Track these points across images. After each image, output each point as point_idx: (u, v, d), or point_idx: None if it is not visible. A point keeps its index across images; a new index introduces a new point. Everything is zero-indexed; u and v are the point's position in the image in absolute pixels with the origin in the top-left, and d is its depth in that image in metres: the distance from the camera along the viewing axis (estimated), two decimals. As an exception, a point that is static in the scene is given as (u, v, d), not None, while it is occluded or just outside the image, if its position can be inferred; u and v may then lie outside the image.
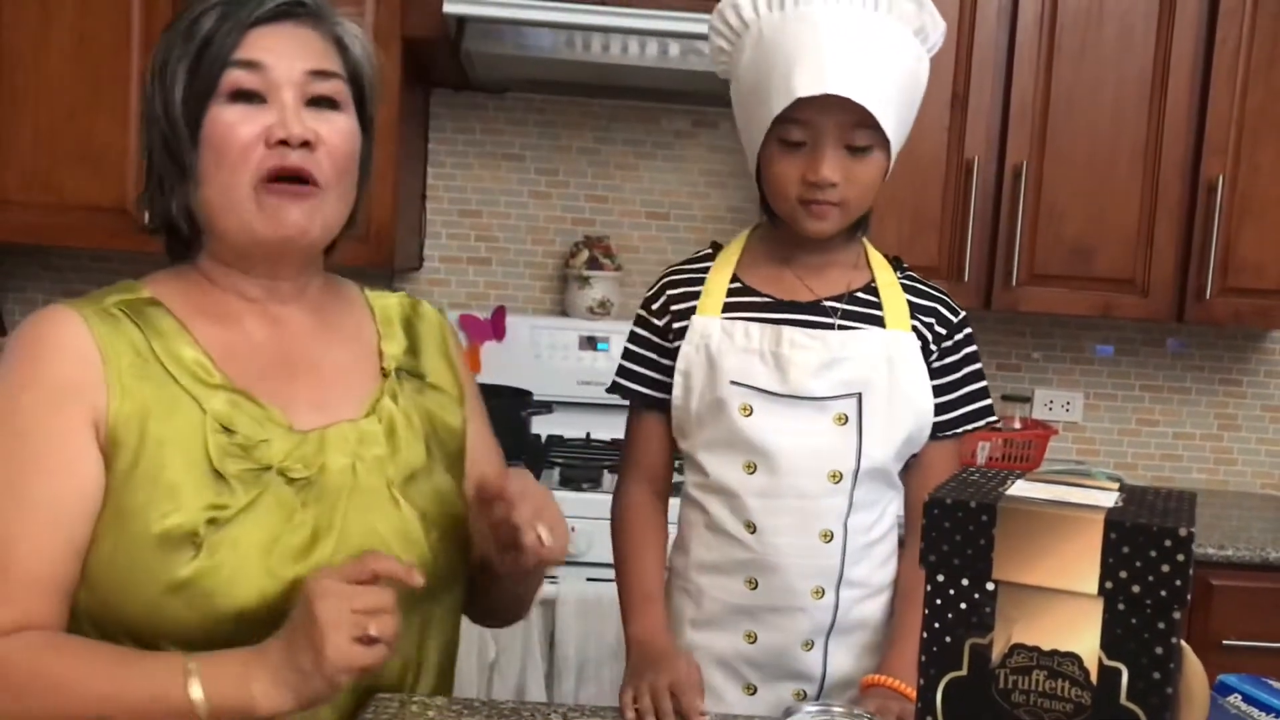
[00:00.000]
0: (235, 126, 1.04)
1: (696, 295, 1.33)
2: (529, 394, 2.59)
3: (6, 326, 2.70)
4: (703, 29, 2.31)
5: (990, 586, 0.64)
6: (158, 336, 1.06)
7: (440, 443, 1.21)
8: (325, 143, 1.07)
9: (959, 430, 1.36)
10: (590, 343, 2.73)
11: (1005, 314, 2.71)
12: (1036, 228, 2.51)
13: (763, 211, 1.36)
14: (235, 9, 1.05)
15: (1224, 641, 2.27)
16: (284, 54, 1.06)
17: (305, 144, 1.05)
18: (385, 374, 1.18)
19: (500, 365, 2.67)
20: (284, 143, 1.04)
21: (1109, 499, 0.68)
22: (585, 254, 2.74)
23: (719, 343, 1.29)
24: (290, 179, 1.06)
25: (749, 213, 2.84)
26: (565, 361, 2.72)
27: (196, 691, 0.94)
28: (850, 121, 1.21)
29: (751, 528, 1.27)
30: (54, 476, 1.01)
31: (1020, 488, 0.70)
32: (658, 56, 2.41)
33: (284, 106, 1.05)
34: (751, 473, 1.27)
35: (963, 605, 0.64)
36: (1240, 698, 1.02)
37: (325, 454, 1.09)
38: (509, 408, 2.46)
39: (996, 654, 0.64)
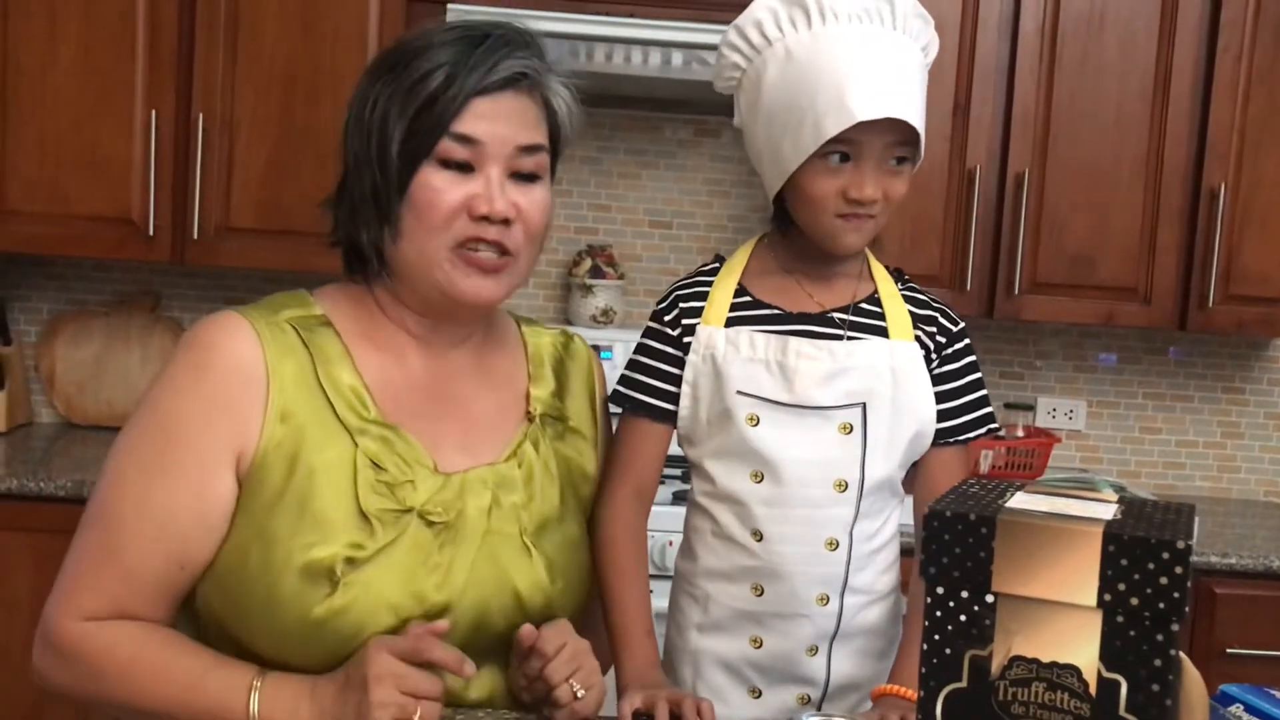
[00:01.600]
0: (442, 193, 1.07)
1: (702, 310, 1.34)
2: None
3: (11, 336, 2.70)
4: (705, 39, 2.35)
5: (990, 599, 0.64)
6: (323, 361, 1.09)
7: (574, 489, 1.24)
8: (523, 216, 1.10)
9: (962, 438, 1.37)
10: (594, 351, 2.72)
11: (1008, 322, 2.71)
12: (1038, 236, 2.52)
13: (774, 223, 1.37)
14: (462, 73, 1.06)
15: (1227, 650, 2.27)
16: (498, 129, 1.08)
17: (505, 220, 1.09)
18: (530, 418, 1.20)
19: (504, 374, 2.68)
20: (485, 217, 1.08)
21: (1108, 511, 0.69)
22: (588, 263, 2.75)
23: (724, 352, 1.30)
24: (484, 248, 1.09)
25: (751, 221, 2.84)
26: (568, 370, 2.72)
27: (254, 705, 1.00)
28: (895, 139, 1.24)
29: (759, 536, 1.28)
30: (182, 486, 1.05)
31: (1020, 500, 0.70)
32: (660, 66, 2.42)
33: (490, 181, 1.08)
34: (758, 482, 1.28)
35: (962, 617, 0.65)
36: (1243, 708, 1.02)
37: (465, 498, 1.11)
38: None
39: (996, 666, 0.65)
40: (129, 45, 2.41)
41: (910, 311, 1.35)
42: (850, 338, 1.31)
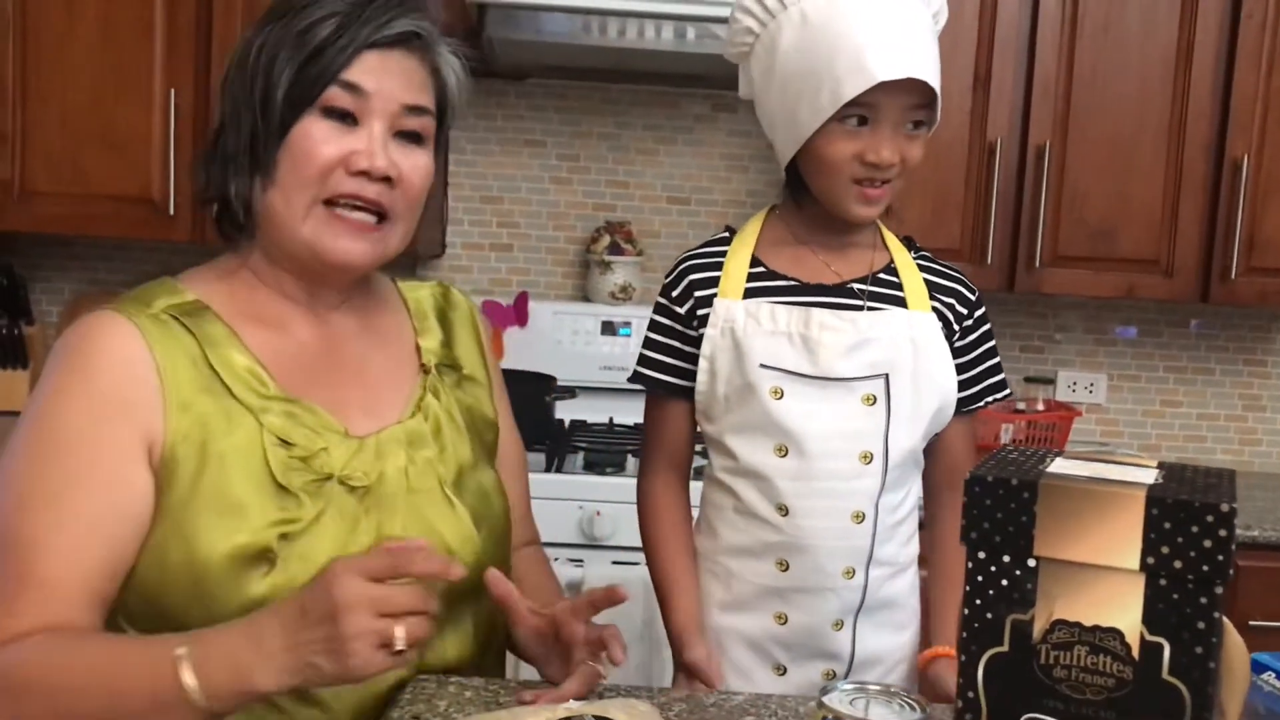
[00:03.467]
0: (322, 144, 1.04)
1: (717, 281, 1.34)
2: (552, 379, 2.60)
3: (34, 316, 2.72)
4: (719, 12, 2.33)
5: (1032, 563, 0.65)
6: (211, 345, 1.05)
7: (479, 435, 1.22)
8: (404, 179, 1.07)
9: (978, 405, 1.38)
10: (612, 328, 2.73)
11: (1028, 296, 2.70)
12: (1059, 209, 2.50)
13: (786, 192, 1.36)
14: (355, 26, 1.04)
15: (1251, 622, 2.26)
16: (386, 84, 1.05)
17: (385, 178, 1.05)
18: (425, 370, 1.19)
19: (523, 351, 2.68)
20: (364, 173, 1.04)
21: (1149, 476, 0.69)
22: (606, 239, 2.74)
23: (744, 325, 1.29)
24: (359, 206, 1.06)
25: (769, 196, 2.83)
26: (588, 347, 2.73)
27: (187, 679, 0.89)
28: (912, 102, 1.23)
29: (784, 510, 1.28)
30: (96, 490, 0.98)
31: (1060, 465, 0.70)
32: (676, 41, 2.41)
33: (373, 136, 1.05)
34: (783, 456, 1.27)
35: (1004, 582, 0.65)
36: (1275, 675, 1.02)
37: (383, 460, 1.09)
38: (532, 393, 2.47)
39: (1038, 630, 0.65)
40: (147, 23, 2.41)
41: (927, 280, 1.35)
42: (870, 308, 1.30)
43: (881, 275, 1.33)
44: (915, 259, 1.37)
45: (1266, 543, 2.27)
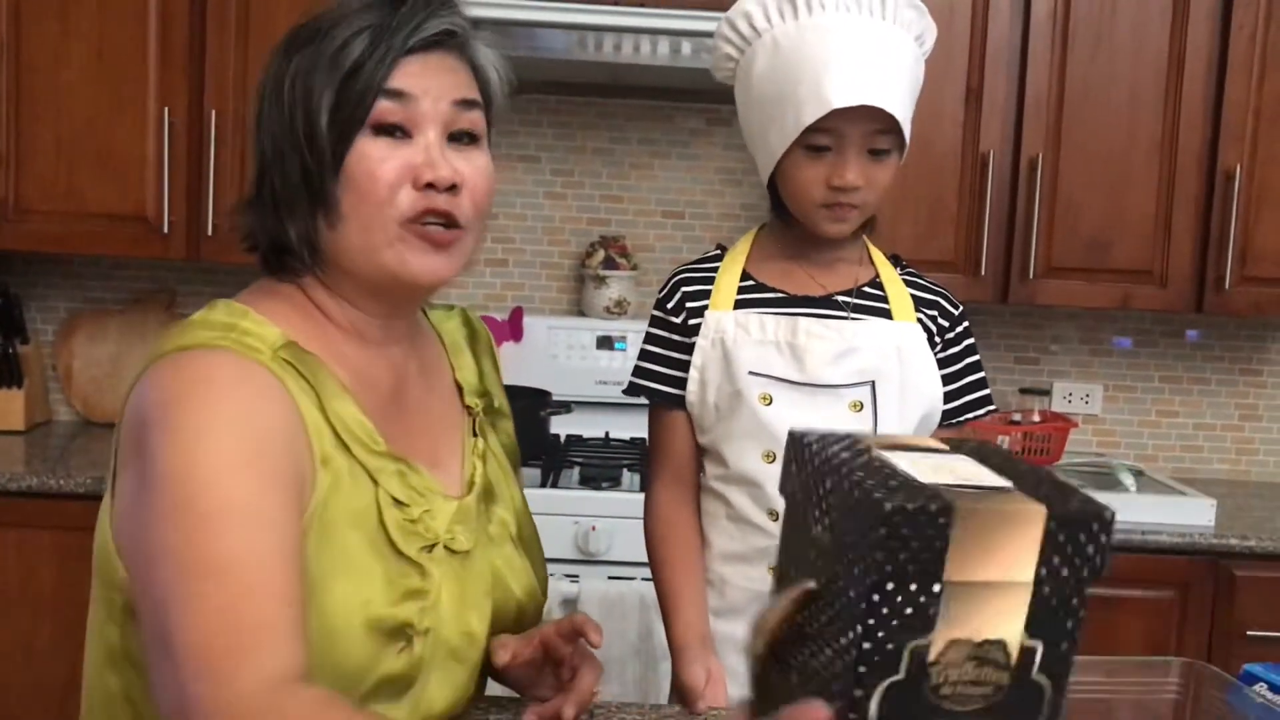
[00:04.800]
0: (382, 162, 0.97)
1: (709, 294, 1.37)
2: (548, 394, 2.60)
3: (29, 335, 2.72)
4: (713, 28, 2.33)
5: (937, 588, 0.64)
6: (327, 395, 0.97)
7: (517, 470, 1.22)
8: (469, 183, 1.00)
9: (961, 419, 1.41)
10: (607, 342, 2.73)
11: (1022, 307, 2.70)
12: (1053, 220, 2.51)
13: (772, 211, 1.40)
14: (386, 35, 0.98)
15: (1248, 633, 2.27)
16: (432, 84, 0.99)
17: (452, 186, 0.99)
18: (470, 412, 1.14)
19: (518, 366, 2.68)
20: (430, 185, 0.98)
21: (992, 477, 0.67)
22: (601, 254, 2.75)
23: (734, 336, 1.33)
24: (434, 221, 0.99)
25: (763, 210, 2.82)
26: (583, 361, 2.73)
27: None
28: (874, 128, 1.26)
29: (774, 515, 1.30)
30: (289, 539, 0.87)
31: (912, 466, 0.67)
32: (670, 56, 2.42)
33: (429, 145, 0.98)
34: (771, 461, 1.29)
35: (909, 610, 0.63)
36: (1266, 686, 1.02)
37: (468, 522, 1.05)
38: (528, 408, 2.46)
39: (934, 653, 0.64)
40: (141, 43, 2.41)
41: (911, 295, 1.38)
42: (854, 318, 1.34)
43: (866, 289, 1.37)
44: (901, 274, 1.40)
45: (1264, 553, 2.27)
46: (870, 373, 1.31)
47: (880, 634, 0.63)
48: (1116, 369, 2.89)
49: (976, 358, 1.41)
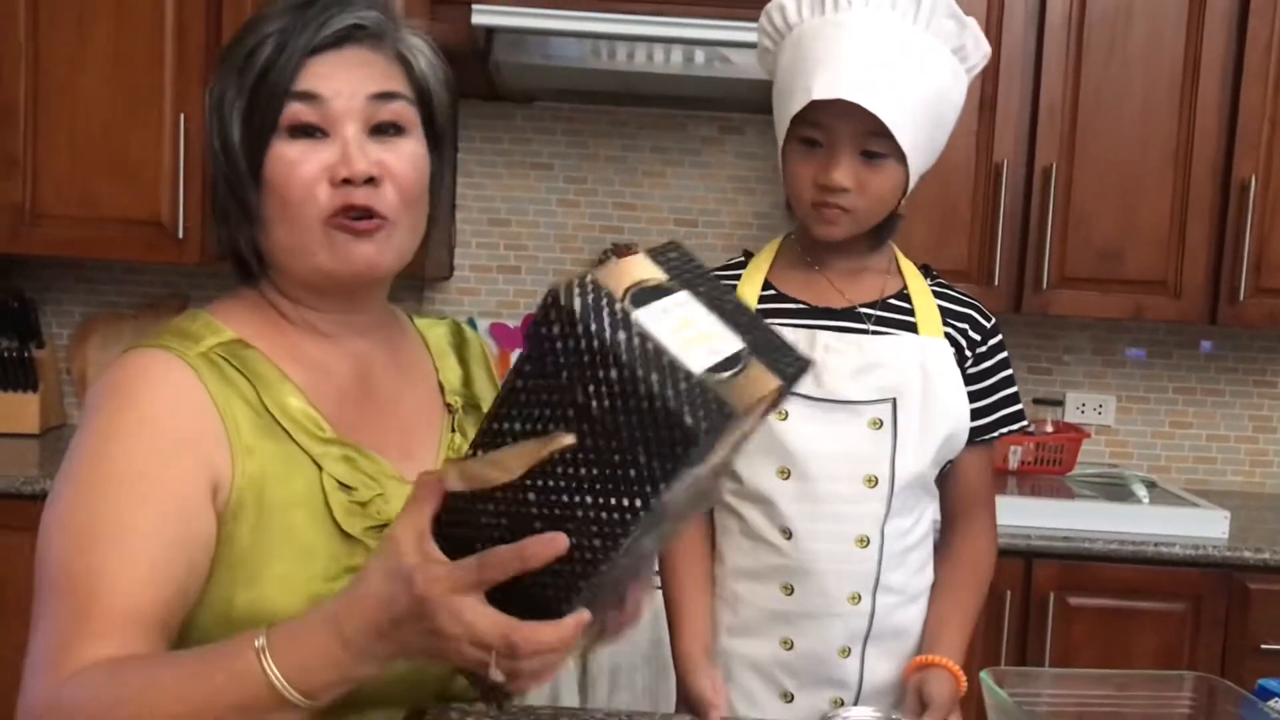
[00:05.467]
0: (297, 165, 0.98)
1: None
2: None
3: (44, 339, 2.73)
4: (728, 36, 2.34)
5: (702, 470, 0.79)
6: (264, 387, 1.00)
7: None
8: (392, 173, 1.01)
9: (993, 435, 1.37)
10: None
11: (1035, 317, 2.69)
12: (1066, 230, 2.50)
13: (788, 214, 1.38)
14: (292, 37, 0.98)
15: (1262, 646, 2.25)
16: (344, 82, 1.00)
17: (370, 179, 0.99)
18: (450, 409, 1.15)
19: (530, 373, 2.68)
20: (348, 180, 0.98)
21: (727, 336, 0.79)
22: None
23: None
24: (356, 214, 1.00)
25: (776, 219, 2.84)
26: (594, 369, 2.72)
27: (273, 674, 0.83)
28: (866, 129, 1.22)
29: (787, 533, 1.28)
30: (162, 522, 0.93)
31: (676, 338, 0.75)
32: (683, 64, 2.42)
33: (346, 141, 0.99)
34: (786, 478, 1.27)
35: (681, 484, 0.77)
36: (1280, 702, 1.01)
37: None
38: (539, 415, 2.46)
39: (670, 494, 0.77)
40: (157, 50, 2.43)
41: (940, 307, 1.34)
42: (876, 332, 1.30)
43: (892, 300, 1.33)
44: (931, 285, 1.37)
45: (1278, 565, 2.26)
46: (891, 389, 1.28)
47: (655, 503, 0.73)
48: (1130, 380, 2.88)
49: (1009, 372, 1.37)
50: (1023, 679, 1.14)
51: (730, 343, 0.77)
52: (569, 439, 0.74)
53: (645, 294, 0.75)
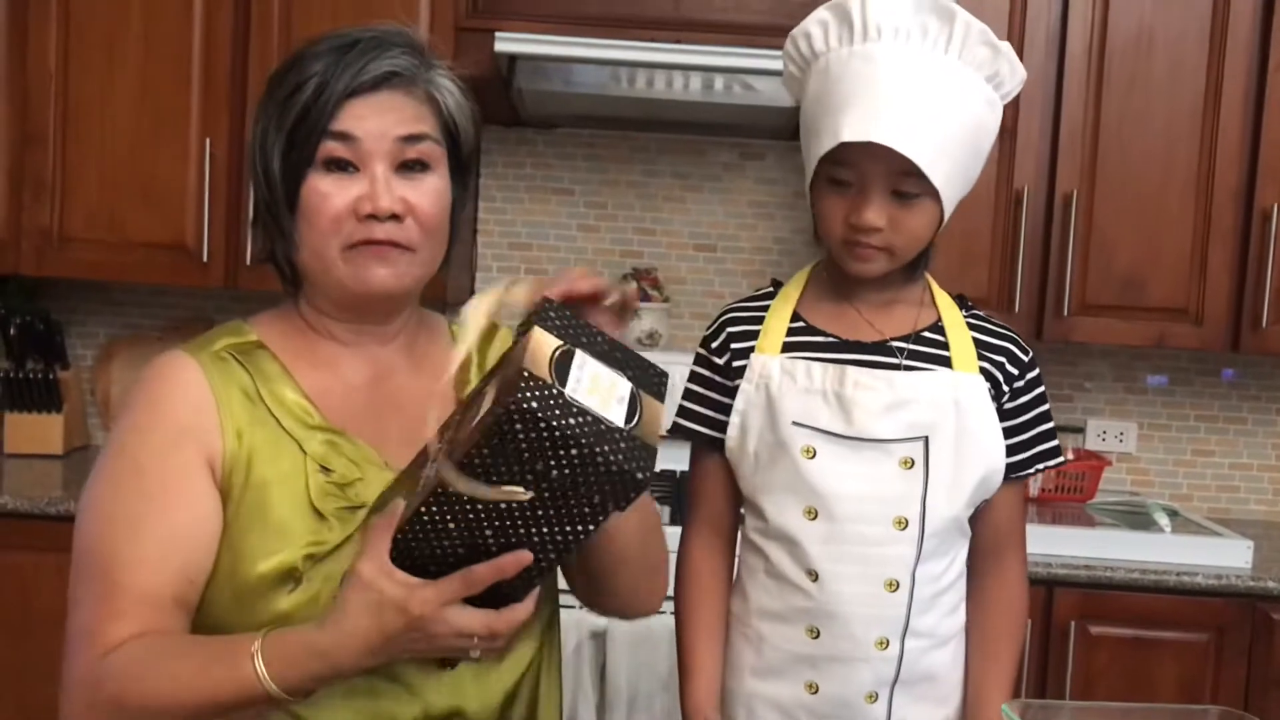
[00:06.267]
0: (328, 197, 1.09)
1: (756, 334, 1.30)
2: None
3: (69, 361, 2.76)
4: (747, 64, 2.36)
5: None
6: (264, 380, 1.12)
7: None
8: (414, 209, 1.10)
9: (1028, 472, 1.32)
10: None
11: (1057, 344, 2.68)
12: (1087, 257, 2.50)
13: (816, 243, 1.34)
14: (331, 80, 1.08)
15: (1286, 678, 2.23)
16: (375, 124, 1.09)
17: (394, 216, 1.09)
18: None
19: (550, 397, 2.68)
20: (373, 215, 1.08)
21: (622, 383, 0.96)
22: (633, 286, 2.76)
23: (779, 383, 1.26)
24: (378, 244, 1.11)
25: (795, 245, 2.84)
26: (614, 393, 2.72)
27: (264, 678, 0.98)
28: (897, 169, 1.18)
29: (814, 576, 1.24)
30: (170, 508, 1.06)
31: (599, 401, 0.92)
32: (704, 91, 2.43)
33: (375, 178, 1.09)
34: (813, 518, 1.24)
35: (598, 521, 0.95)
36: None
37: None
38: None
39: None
40: (184, 75, 2.46)
41: (976, 340, 1.30)
42: (908, 367, 1.26)
43: (926, 334, 1.29)
44: (966, 318, 1.32)
45: (1302, 596, 2.24)
46: (923, 427, 1.23)
47: (584, 533, 0.93)
48: (1151, 407, 2.87)
49: (1045, 408, 1.32)
50: (1045, 712, 1.12)
51: (622, 385, 0.95)
52: (526, 495, 0.90)
53: (561, 367, 0.91)
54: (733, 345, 1.31)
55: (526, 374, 0.88)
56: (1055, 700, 2.17)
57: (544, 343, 0.92)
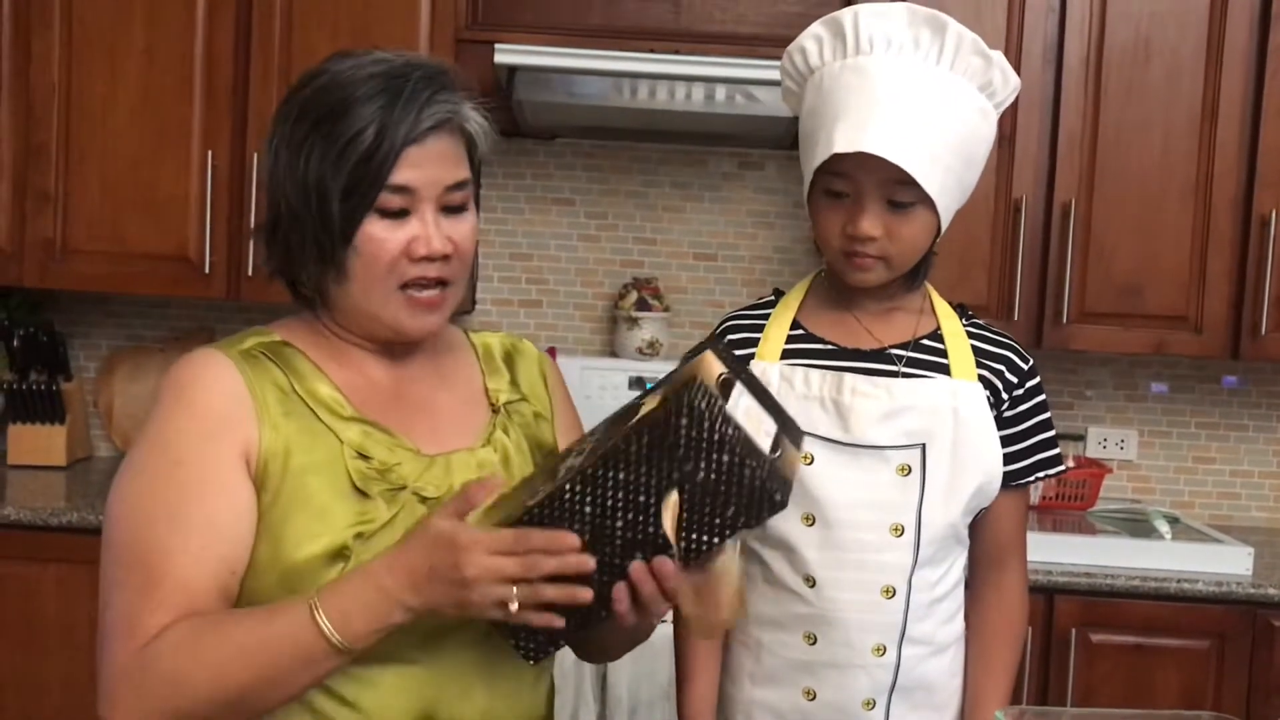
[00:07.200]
0: (386, 242, 1.12)
1: (756, 342, 1.32)
2: (581, 435, 2.61)
3: (72, 372, 2.77)
4: (747, 74, 2.37)
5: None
6: (297, 376, 1.15)
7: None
8: (458, 248, 1.16)
9: (1028, 480, 1.33)
10: (639, 383, 2.74)
11: (1056, 352, 2.69)
12: (1086, 265, 2.50)
13: (816, 253, 1.35)
14: (391, 127, 1.10)
15: (1288, 685, 2.23)
16: (430, 174, 1.13)
17: (444, 256, 1.14)
18: (495, 409, 1.25)
19: (551, 406, 2.69)
20: (426, 258, 1.13)
21: (767, 419, 1.03)
22: (634, 295, 2.77)
23: (778, 389, 1.27)
24: (427, 284, 1.15)
25: (796, 253, 2.85)
26: (615, 402, 2.69)
27: (325, 626, 1.02)
28: (891, 178, 1.19)
29: (811, 582, 1.25)
30: (208, 498, 1.09)
31: (758, 431, 1.01)
32: (704, 101, 2.44)
33: (426, 223, 1.13)
34: (810, 525, 1.25)
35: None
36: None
37: (452, 476, 1.17)
38: (560, 449, 2.47)
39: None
40: (187, 88, 2.47)
41: (975, 348, 1.31)
42: (906, 374, 1.27)
43: (925, 341, 1.30)
44: (966, 325, 1.33)
45: (1303, 603, 2.24)
46: (921, 434, 1.24)
47: (708, 544, 0.99)
48: (1152, 415, 2.87)
49: (1046, 415, 1.33)
50: (1040, 718, 1.12)
51: (769, 423, 1.02)
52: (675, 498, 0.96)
53: (724, 388, 0.99)
54: (733, 352, 1.32)
55: (698, 380, 0.94)
56: (1051, 707, 2.17)
57: (713, 365, 1.01)
